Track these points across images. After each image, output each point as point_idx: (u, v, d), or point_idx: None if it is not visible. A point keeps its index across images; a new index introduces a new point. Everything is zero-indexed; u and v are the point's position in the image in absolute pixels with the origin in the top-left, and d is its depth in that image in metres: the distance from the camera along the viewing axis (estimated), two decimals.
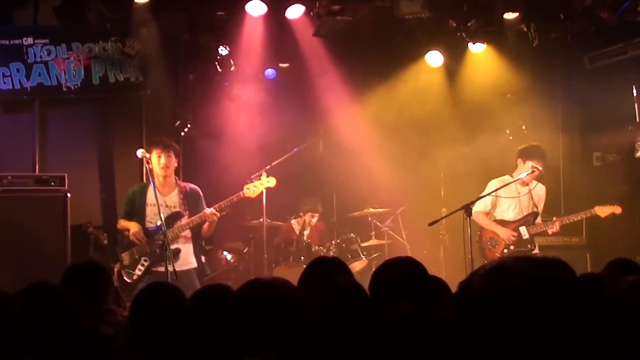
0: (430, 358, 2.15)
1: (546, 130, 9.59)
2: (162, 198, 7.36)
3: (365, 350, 2.74)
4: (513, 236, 7.94)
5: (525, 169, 7.86)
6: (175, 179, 7.55)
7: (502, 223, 8.04)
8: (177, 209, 7.41)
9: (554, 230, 7.93)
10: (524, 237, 7.98)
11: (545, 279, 1.71)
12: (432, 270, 8.06)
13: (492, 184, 7.98)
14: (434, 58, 9.99)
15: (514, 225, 8.01)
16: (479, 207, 8.02)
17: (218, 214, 7.48)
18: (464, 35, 9.07)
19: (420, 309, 2.93)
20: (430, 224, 7.85)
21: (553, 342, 1.64)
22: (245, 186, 7.75)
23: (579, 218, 8.11)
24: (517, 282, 1.67)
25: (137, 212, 7.49)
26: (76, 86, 9.18)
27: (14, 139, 9.13)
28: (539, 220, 8.07)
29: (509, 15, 8.93)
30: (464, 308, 1.70)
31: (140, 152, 7.37)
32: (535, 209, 8.04)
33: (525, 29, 9.10)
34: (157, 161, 7.33)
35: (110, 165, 9.48)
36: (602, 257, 7.58)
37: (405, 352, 2.43)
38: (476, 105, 9.84)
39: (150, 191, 7.46)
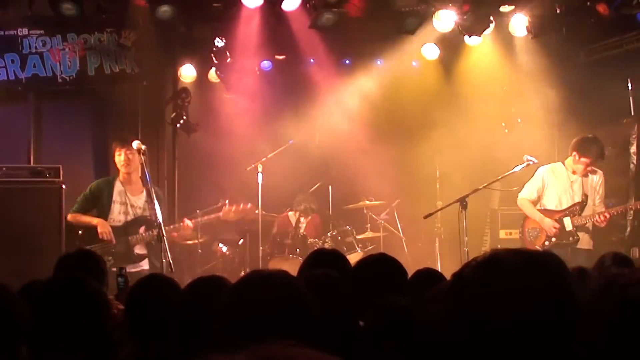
0: (423, 348, 2.16)
1: (541, 123, 9.60)
2: (130, 197, 7.46)
3: (360, 341, 2.74)
4: (555, 227, 7.80)
5: (580, 164, 7.77)
6: (143, 180, 7.52)
7: (547, 213, 7.90)
8: (146, 213, 7.46)
9: (603, 221, 7.69)
10: (567, 229, 7.82)
11: (537, 272, 1.71)
12: (427, 263, 8.13)
13: (541, 171, 7.89)
14: (430, 51, 10.00)
15: (559, 215, 7.86)
16: (525, 194, 7.96)
17: (191, 229, 7.67)
18: (460, 29, 9.06)
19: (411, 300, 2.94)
20: (426, 217, 7.88)
21: (543, 332, 1.65)
22: (225, 209, 7.85)
23: (628, 209, 8.01)
24: (508, 274, 1.68)
25: (102, 208, 7.52)
26: (71, 77, 9.15)
27: (9, 130, 9.10)
28: (600, 208, 7.88)
29: (505, 8, 8.93)
30: (456, 299, 1.70)
31: (136, 144, 7.37)
32: (584, 199, 7.87)
33: (521, 22, 9.10)
34: (117, 158, 7.38)
35: (106, 157, 9.43)
36: (597, 249, 7.59)
37: (401, 342, 2.44)
38: (472, 98, 9.85)
39: (117, 188, 7.52)
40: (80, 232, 7.57)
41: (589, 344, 1.67)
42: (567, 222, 7.83)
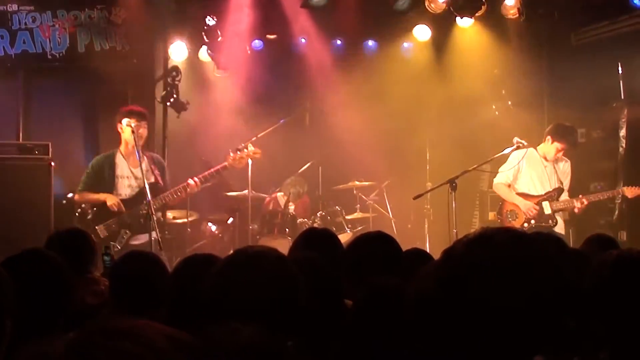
0: (413, 325, 2.17)
1: (532, 106, 9.62)
2: (132, 170, 7.43)
3: (351, 321, 2.74)
4: (535, 209, 7.90)
5: (551, 148, 7.86)
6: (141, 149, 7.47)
7: (526, 197, 7.99)
8: (152, 180, 7.40)
9: (580, 207, 7.86)
10: (546, 213, 7.92)
11: (526, 248, 1.72)
12: (416, 244, 8.14)
13: (515, 155, 7.94)
14: (422, 32, 9.98)
15: (537, 199, 7.95)
16: (500, 179, 8.03)
17: (199, 186, 7.53)
18: (452, 10, 9.04)
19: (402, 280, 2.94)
20: (415, 198, 7.89)
21: (533, 307, 1.67)
22: (230, 157, 7.76)
23: (605, 197, 8.10)
24: (499, 250, 1.69)
25: (105, 184, 7.47)
26: (61, 54, 9.10)
27: None
28: (564, 196, 8.01)
29: None
30: (446, 274, 1.71)
31: (125, 122, 7.35)
32: (560, 185, 7.99)
33: (512, 5, 9.09)
34: (135, 132, 7.28)
35: (95, 134, 9.43)
36: (585, 233, 7.61)
37: (392, 321, 2.44)
38: (463, 80, 9.84)
39: (119, 162, 7.48)
40: (89, 215, 7.42)
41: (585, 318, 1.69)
42: (546, 206, 7.94)
